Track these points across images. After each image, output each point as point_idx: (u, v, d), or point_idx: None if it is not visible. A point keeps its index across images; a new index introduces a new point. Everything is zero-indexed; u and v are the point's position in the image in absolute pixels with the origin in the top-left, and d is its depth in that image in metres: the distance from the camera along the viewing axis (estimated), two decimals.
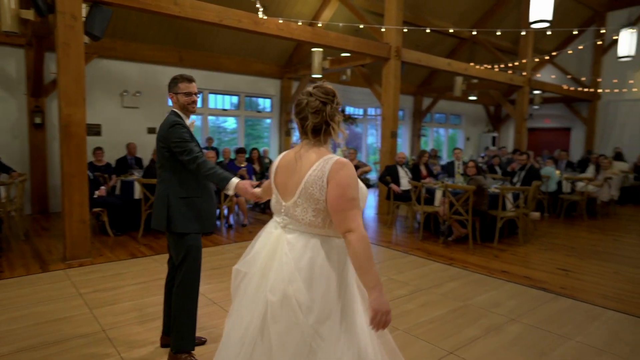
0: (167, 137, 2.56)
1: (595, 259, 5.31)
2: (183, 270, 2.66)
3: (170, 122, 2.59)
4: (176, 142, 2.54)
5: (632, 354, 2.94)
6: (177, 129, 2.56)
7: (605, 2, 13.07)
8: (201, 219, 2.66)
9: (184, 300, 2.66)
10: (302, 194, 1.71)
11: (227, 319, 1.88)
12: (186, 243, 2.64)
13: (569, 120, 14.51)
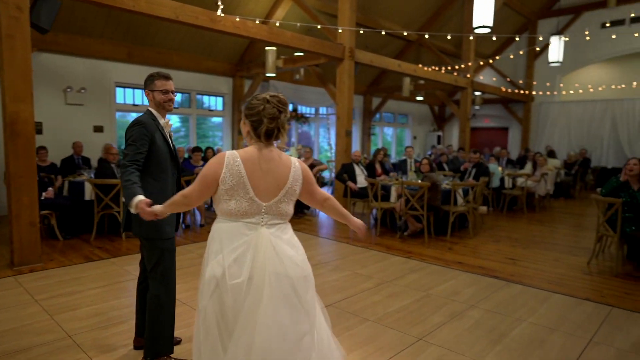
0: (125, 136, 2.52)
1: (537, 248, 5.77)
2: (157, 273, 2.57)
3: (134, 121, 2.52)
4: (126, 142, 2.47)
5: (578, 330, 3.27)
6: (134, 128, 2.46)
7: (536, 11, 14.12)
8: (161, 224, 2.48)
9: (162, 301, 2.58)
10: (288, 191, 1.98)
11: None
12: (158, 247, 2.56)
13: (507, 120, 15.53)
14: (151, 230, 2.51)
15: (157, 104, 2.62)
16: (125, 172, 2.33)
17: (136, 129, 2.46)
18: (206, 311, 1.90)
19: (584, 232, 6.82)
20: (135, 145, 2.42)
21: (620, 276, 4.62)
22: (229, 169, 1.92)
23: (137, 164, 2.40)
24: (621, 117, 12.83)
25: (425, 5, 11.75)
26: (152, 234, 2.53)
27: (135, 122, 2.49)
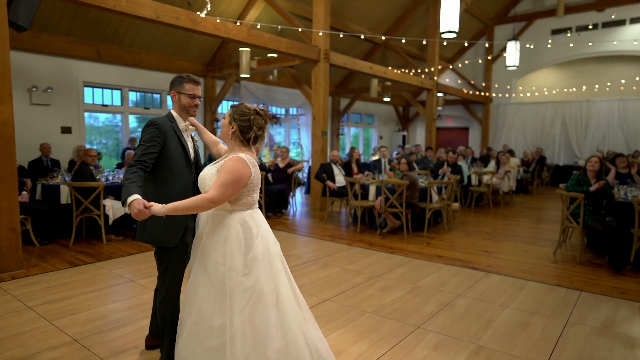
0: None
1: (507, 241, 6.19)
2: (164, 276, 2.57)
3: (149, 121, 2.51)
4: (139, 142, 2.48)
5: (555, 313, 3.60)
6: (148, 129, 2.47)
7: (493, 17, 14.88)
8: (172, 229, 2.48)
9: (169, 304, 2.57)
10: None
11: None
12: (166, 255, 2.54)
13: (467, 121, 16.25)
14: (156, 236, 2.49)
15: (181, 106, 2.63)
16: (128, 171, 2.33)
17: (149, 129, 2.47)
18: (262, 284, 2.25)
19: (545, 225, 7.34)
20: (144, 145, 2.42)
21: (583, 264, 5.07)
22: (254, 170, 2.29)
23: (144, 164, 2.38)
24: (570, 118, 13.77)
25: (391, 10, 12.13)
26: (157, 241, 2.51)
27: (150, 123, 2.50)
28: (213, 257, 2.28)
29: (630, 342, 3.12)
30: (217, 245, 2.28)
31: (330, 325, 3.33)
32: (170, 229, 2.48)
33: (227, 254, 2.25)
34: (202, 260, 2.33)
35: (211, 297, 2.25)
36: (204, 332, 2.24)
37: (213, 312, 2.23)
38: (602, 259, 5.22)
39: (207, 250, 2.31)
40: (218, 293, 2.24)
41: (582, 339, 3.16)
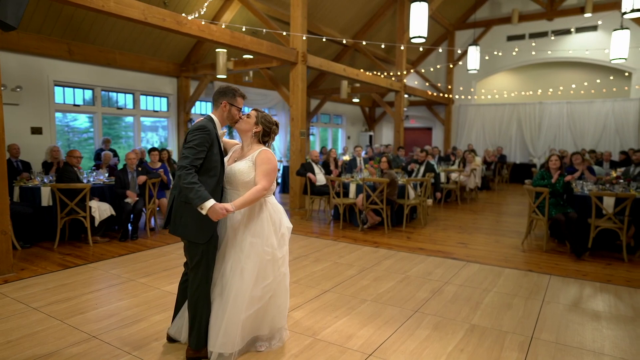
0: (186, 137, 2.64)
1: (479, 233, 6.67)
2: (197, 271, 2.70)
3: (197, 125, 2.62)
4: (185, 146, 2.57)
5: (531, 294, 4.03)
6: (199, 133, 2.57)
7: (454, 23, 15.63)
8: (205, 228, 2.63)
9: (200, 297, 2.71)
10: None
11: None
12: (198, 250, 2.68)
13: (430, 121, 16.96)
14: (189, 232, 2.65)
15: (228, 116, 2.75)
16: (188, 174, 2.47)
17: (200, 134, 2.56)
18: (284, 257, 2.87)
19: (509, 218, 7.93)
20: (196, 149, 2.53)
21: (548, 252, 5.60)
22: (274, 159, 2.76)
23: (197, 168, 2.54)
24: (525, 119, 14.73)
25: (361, 14, 12.52)
26: (192, 237, 2.65)
27: (200, 127, 2.60)
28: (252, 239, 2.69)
29: (596, 315, 3.57)
30: (256, 228, 2.71)
31: (336, 313, 3.58)
32: (204, 226, 2.63)
33: (265, 235, 2.71)
34: (240, 243, 2.70)
35: (253, 273, 2.66)
36: (246, 302, 2.67)
37: (255, 285, 2.69)
38: (564, 247, 5.78)
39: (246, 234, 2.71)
40: (257, 268, 2.70)
41: (558, 314, 3.58)
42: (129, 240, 6.00)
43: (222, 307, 2.70)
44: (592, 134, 13.61)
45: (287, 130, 13.63)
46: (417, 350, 2.97)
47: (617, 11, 12.74)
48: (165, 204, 6.78)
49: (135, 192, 6.15)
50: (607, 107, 13.42)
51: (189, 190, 2.46)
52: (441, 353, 2.93)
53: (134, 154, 6.23)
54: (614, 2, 12.92)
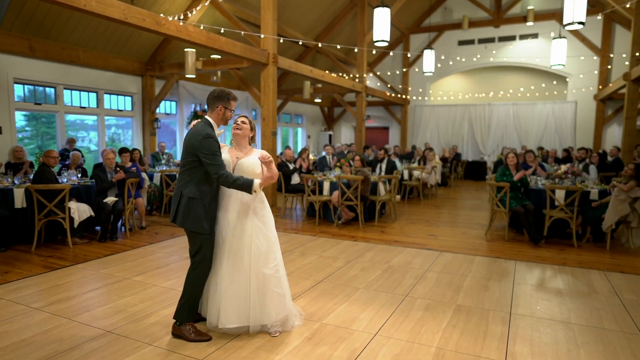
0: (197, 147, 2.88)
1: (446, 226, 7.20)
2: (198, 258, 3.04)
3: (203, 133, 2.88)
4: (206, 154, 2.87)
5: (503, 277, 4.52)
6: (208, 141, 2.87)
7: (409, 27, 16.36)
8: (208, 219, 2.98)
9: (196, 281, 3.05)
10: None
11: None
12: (200, 238, 3.00)
13: (387, 121, 17.63)
14: (195, 224, 2.95)
15: (222, 118, 3.08)
16: (227, 176, 2.89)
17: (211, 142, 2.89)
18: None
19: (469, 212, 8.57)
20: (216, 155, 2.91)
21: (510, 240, 6.19)
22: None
23: (223, 166, 2.93)
24: (475, 119, 15.72)
25: (323, 17, 12.87)
26: (200, 228, 2.96)
27: (208, 135, 2.89)
28: (260, 224, 3.09)
29: (559, 292, 4.11)
30: (264, 213, 3.14)
31: (334, 300, 3.87)
32: (208, 219, 3.00)
33: (267, 221, 3.16)
34: (251, 227, 3.05)
35: (263, 254, 3.07)
36: (259, 279, 3.05)
37: (265, 264, 3.07)
38: (522, 236, 6.40)
39: (256, 219, 3.08)
40: (267, 248, 3.09)
41: (528, 293, 4.08)
42: (109, 241, 5.95)
43: (233, 285, 3.03)
44: (535, 133, 14.80)
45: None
46: (416, 328, 3.32)
47: (555, 21, 13.98)
48: (141, 204, 6.77)
49: (114, 191, 6.10)
50: (547, 109, 14.65)
51: (238, 185, 2.89)
52: (437, 329, 3.30)
53: (113, 154, 6.17)
54: (552, 13, 14.14)
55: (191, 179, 2.97)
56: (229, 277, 3.05)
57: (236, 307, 3.04)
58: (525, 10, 14.50)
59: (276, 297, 3.10)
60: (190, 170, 2.97)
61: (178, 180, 3.07)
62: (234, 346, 3.00)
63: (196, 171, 2.96)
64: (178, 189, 3.04)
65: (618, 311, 3.69)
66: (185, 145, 2.98)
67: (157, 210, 7.99)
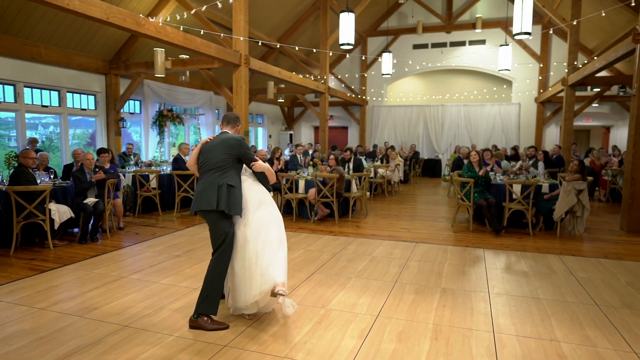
0: (237, 146, 3.40)
1: (414, 220, 7.71)
2: (220, 251, 3.30)
3: (238, 137, 3.49)
4: (245, 149, 3.44)
5: (476, 263, 5.04)
6: (244, 142, 3.48)
7: (367, 30, 16.94)
8: (239, 204, 3.36)
9: (217, 273, 3.29)
10: None
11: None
12: (224, 230, 3.29)
13: (346, 121, 18.14)
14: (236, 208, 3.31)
15: (236, 133, 3.67)
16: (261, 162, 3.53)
17: (245, 142, 3.51)
18: None
19: (432, 206, 9.17)
20: (250, 150, 3.51)
21: (474, 231, 6.79)
22: None
23: None
24: (430, 120, 16.58)
25: (286, 18, 13.12)
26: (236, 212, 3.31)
27: (242, 138, 3.52)
28: (273, 208, 3.53)
29: (525, 274, 4.66)
30: (270, 201, 3.55)
31: (332, 289, 4.18)
32: (240, 204, 3.39)
33: (274, 204, 3.58)
34: (263, 212, 3.43)
35: (277, 232, 3.44)
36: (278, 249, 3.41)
37: (279, 235, 3.46)
38: (484, 227, 7.03)
39: (265, 207, 3.47)
40: (279, 228, 3.49)
41: (499, 276, 4.60)
42: (89, 242, 5.89)
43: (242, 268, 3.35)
44: (484, 132, 15.86)
45: (214, 128, 13.69)
46: (411, 309, 3.71)
47: (500, 29, 15.07)
48: (119, 204, 6.72)
49: (94, 192, 6.04)
50: (495, 110, 15.75)
51: (267, 169, 3.56)
52: (430, 309, 3.70)
53: (91, 155, 6.10)
54: (497, 22, 15.23)
55: (226, 173, 3.36)
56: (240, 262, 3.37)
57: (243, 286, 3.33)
58: (474, 17, 15.50)
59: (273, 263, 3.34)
60: (224, 166, 3.35)
61: (209, 175, 3.36)
62: (252, 332, 3.23)
63: (230, 167, 3.38)
64: (213, 180, 3.33)
65: (575, 287, 4.28)
66: (222, 147, 3.38)
67: (130, 211, 7.90)
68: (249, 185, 3.49)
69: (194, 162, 3.57)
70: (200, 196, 3.34)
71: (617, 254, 5.56)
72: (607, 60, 8.46)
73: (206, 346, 3.02)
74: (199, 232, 6.61)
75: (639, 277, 4.60)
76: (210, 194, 3.29)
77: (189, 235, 6.39)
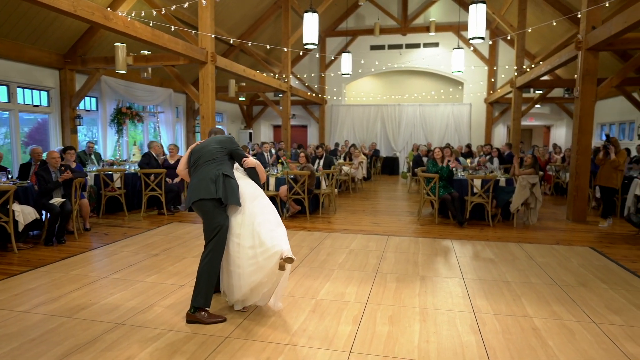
0: (230, 143, 3.56)
1: (382, 215, 8.01)
2: (213, 242, 3.34)
3: (232, 137, 3.63)
4: (237, 147, 3.59)
5: (446, 252, 5.37)
6: (234, 139, 3.63)
7: (325, 30, 17.18)
8: (237, 195, 3.42)
9: (211, 265, 3.33)
10: None
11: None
12: (219, 221, 3.34)
13: (306, 120, 18.30)
14: (234, 199, 3.37)
15: None
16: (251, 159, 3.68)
17: (235, 140, 3.66)
18: None
19: (396, 202, 9.54)
20: (240, 148, 3.62)
21: (440, 224, 7.18)
22: None
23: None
24: (387, 119, 17.11)
25: (247, 16, 13.06)
26: (234, 202, 3.37)
27: (233, 137, 3.63)
28: (267, 201, 3.60)
29: (492, 260, 5.05)
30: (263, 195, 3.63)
31: (318, 280, 4.33)
32: (238, 194, 3.45)
33: (267, 199, 3.63)
34: (258, 205, 3.49)
35: (274, 216, 3.53)
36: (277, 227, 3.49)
37: (276, 218, 3.53)
38: (448, 220, 7.44)
39: (260, 199, 3.55)
40: (275, 214, 3.56)
41: (469, 263, 4.95)
42: (56, 244, 5.66)
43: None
44: (439, 131, 16.60)
45: (174, 127, 13.40)
46: (396, 295, 3.94)
47: (452, 33, 15.82)
48: (86, 205, 6.50)
49: (60, 192, 5.81)
50: (448, 110, 16.52)
51: (258, 165, 3.67)
52: (413, 294, 3.95)
53: (57, 153, 5.85)
54: (450, 26, 15.98)
55: (221, 164, 3.45)
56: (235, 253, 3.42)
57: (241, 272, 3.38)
58: (428, 21, 16.17)
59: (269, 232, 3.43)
60: (220, 159, 3.47)
61: (204, 167, 3.42)
62: (250, 324, 3.31)
63: (225, 161, 3.50)
64: (209, 171, 3.39)
65: (536, 270, 4.70)
66: (214, 142, 3.53)
67: (94, 212, 7.61)
68: (242, 181, 3.56)
69: (185, 166, 3.61)
70: (197, 187, 3.38)
71: (567, 240, 6.12)
72: (552, 65, 9.19)
73: (208, 338, 3.07)
74: (172, 231, 6.52)
75: (588, 260, 5.11)
76: (207, 183, 3.36)
77: (162, 234, 6.30)
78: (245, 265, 3.33)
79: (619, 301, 3.83)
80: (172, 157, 8.58)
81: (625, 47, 7.28)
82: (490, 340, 3.08)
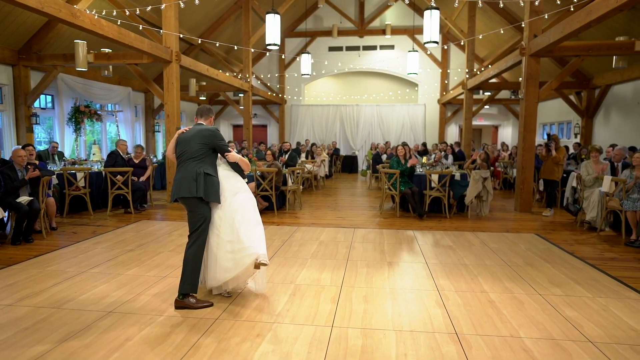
0: (212, 137, 3.62)
1: (345, 210, 8.39)
2: (197, 233, 3.57)
3: (213, 129, 3.70)
4: (220, 140, 3.67)
5: (412, 241, 5.81)
6: (219, 132, 3.72)
7: (284, 31, 17.41)
8: (217, 192, 3.63)
9: (195, 254, 3.55)
10: None
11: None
12: (203, 213, 3.57)
13: (265, 119, 18.46)
14: (214, 196, 3.57)
15: (210, 124, 3.89)
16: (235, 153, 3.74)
17: (219, 133, 3.72)
18: None
19: (357, 198, 9.97)
20: (224, 141, 3.73)
21: (400, 217, 7.65)
22: None
23: None
24: (346, 118, 17.61)
25: (208, 16, 13.09)
26: (214, 199, 3.58)
27: (216, 129, 3.72)
28: (248, 195, 3.82)
29: (451, 247, 5.54)
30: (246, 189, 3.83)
31: (294, 268, 4.61)
32: (218, 192, 3.65)
33: (249, 191, 3.87)
34: (238, 199, 3.70)
35: (253, 213, 3.76)
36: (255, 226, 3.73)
37: (255, 216, 3.77)
38: (408, 213, 7.94)
39: (241, 193, 3.76)
40: (254, 210, 3.81)
41: (432, 250, 5.41)
42: (23, 243, 5.58)
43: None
44: (395, 130, 17.29)
45: (133, 126, 13.18)
46: (367, 278, 4.29)
47: (407, 36, 16.55)
48: (52, 204, 6.43)
49: (27, 191, 5.73)
50: (404, 110, 17.26)
51: (241, 159, 3.74)
52: (383, 278, 4.32)
53: (24, 151, 5.76)
54: (405, 29, 16.70)
55: (203, 162, 3.60)
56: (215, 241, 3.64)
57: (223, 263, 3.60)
58: (384, 24, 16.82)
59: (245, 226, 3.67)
60: (200, 155, 3.57)
61: (187, 165, 3.58)
62: (235, 308, 3.54)
63: (206, 156, 3.61)
64: (191, 169, 3.55)
65: (490, 254, 5.22)
66: (197, 138, 3.60)
67: (57, 211, 7.44)
68: (225, 174, 3.77)
69: (172, 151, 3.77)
70: (180, 184, 3.57)
71: (515, 228, 6.75)
72: (499, 68, 9.96)
73: (199, 321, 3.28)
74: (142, 228, 6.57)
75: (534, 244, 5.72)
76: (189, 181, 3.53)
77: (133, 231, 6.33)
78: (223, 259, 3.56)
79: (560, 277, 4.39)
80: (137, 157, 8.54)
81: (562, 53, 8.08)
82: (453, 312, 3.49)
